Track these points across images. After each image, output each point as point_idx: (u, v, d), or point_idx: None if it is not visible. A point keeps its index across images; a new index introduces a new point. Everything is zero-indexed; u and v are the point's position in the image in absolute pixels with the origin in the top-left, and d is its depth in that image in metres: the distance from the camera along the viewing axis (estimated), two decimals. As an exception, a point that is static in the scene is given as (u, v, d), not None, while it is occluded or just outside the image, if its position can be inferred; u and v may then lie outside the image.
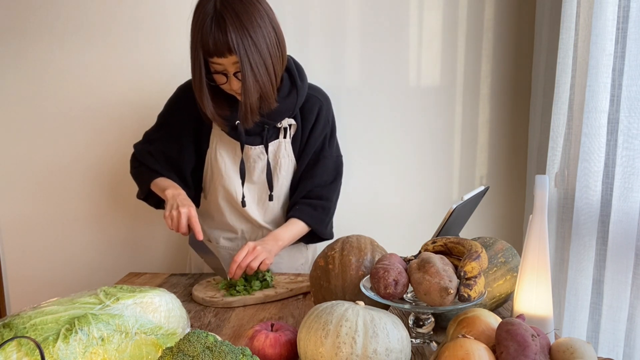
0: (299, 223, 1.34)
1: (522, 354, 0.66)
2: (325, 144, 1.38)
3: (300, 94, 1.29)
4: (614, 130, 1.32)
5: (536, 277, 0.83)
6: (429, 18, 1.73)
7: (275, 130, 1.32)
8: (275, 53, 1.16)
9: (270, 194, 1.34)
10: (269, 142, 1.31)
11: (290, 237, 1.32)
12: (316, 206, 1.36)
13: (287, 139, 1.34)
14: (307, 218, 1.34)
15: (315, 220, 1.36)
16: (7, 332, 0.70)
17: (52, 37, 1.69)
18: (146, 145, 1.37)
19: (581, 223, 1.38)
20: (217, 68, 1.15)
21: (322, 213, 1.37)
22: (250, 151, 1.31)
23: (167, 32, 1.70)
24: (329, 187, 1.39)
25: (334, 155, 1.42)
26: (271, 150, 1.32)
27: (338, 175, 1.42)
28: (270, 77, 1.16)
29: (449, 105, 1.78)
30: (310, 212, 1.35)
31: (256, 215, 1.37)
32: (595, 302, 1.38)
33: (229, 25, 1.07)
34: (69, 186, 1.77)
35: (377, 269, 0.84)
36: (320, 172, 1.37)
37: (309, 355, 0.72)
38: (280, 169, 1.34)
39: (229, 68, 1.14)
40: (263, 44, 1.12)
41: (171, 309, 0.83)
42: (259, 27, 1.11)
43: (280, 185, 1.36)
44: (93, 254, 1.82)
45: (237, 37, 1.08)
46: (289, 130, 1.34)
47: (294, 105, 1.29)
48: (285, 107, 1.28)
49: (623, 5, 1.27)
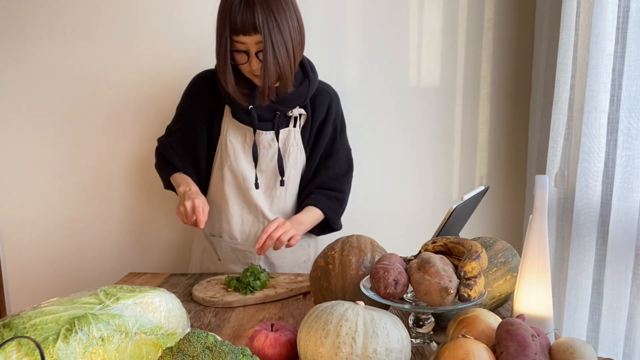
0: (315, 210, 1.38)
1: (522, 354, 0.66)
2: (337, 137, 1.44)
3: (312, 84, 1.35)
4: (614, 130, 1.32)
5: (536, 277, 0.83)
6: (429, 18, 1.73)
7: (286, 119, 1.37)
8: (297, 38, 1.23)
9: (282, 179, 1.37)
10: (279, 129, 1.35)
11: (309, 222, 1.37)
12: (331, 196, 1.42)
13: (296, 127, 1.38)
14: (323, 206, 1.39)
15: (331, 209, 1.41)
16: (7, 332, 0.70)
17: (52, 37, 1.69)
18: (167, 138, 1.44)
19: (581, 223, 1.38)
20: (240, 47, 1.20)
21: (337, 203, 1.43)
22: (262, 136, 1.35)
23: (168, 32, 1.70)
24: (342, 179, 1.45)
25: (346, 149, 1.49)
26: (281, 137, 1.36)
27: (350, 168, 1.49)
28: (290, 59, 1.22)
29: (449, 105, 1.78)
30: (326, 201, 1.40)
31: (262, 203, 1.39)
32: (595, 302, 1.38)
33: (257, 5, 1.15)
34: (68, 186, 1.77)
35: (377, 269, 0.84)
36: (334, 164, 1.43)
37: (309, 355, 0.72)
38: (289, 157, 1.38)
39: (251, 48, 1.20)
40: (286, 27, 1.19)
41: (171, 309, 0.83)
42: (284, 11, 1.19)
43: (288, 174, 1.39)
44: (93, 254, 1.82)
45: (263, 17, 1.16)
46: (299, 119, 1.38)
47: (305, 94, 1.35)
48: (298, 95, 1.33)
49: (623, 5, 1.27)
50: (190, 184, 1.33)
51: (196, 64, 1.59)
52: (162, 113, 1.70)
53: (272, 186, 1.39)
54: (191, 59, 1.69)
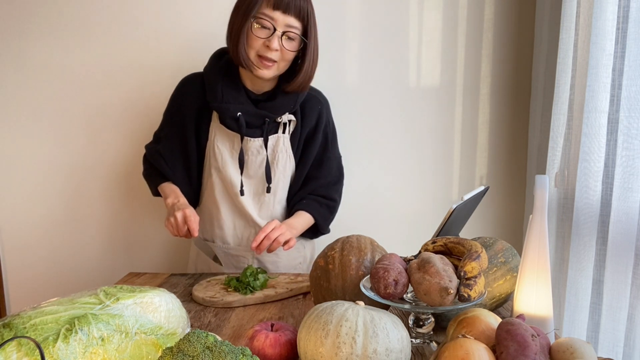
0: (306, 215, 1.38)
1: (522, 354, 0.66)
2: (327, 145, 1.43)
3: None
4: (613, 130, 1.32)
5: (536, 277, 0.83)
6: (429, 18, 1.73)
7: (275, 125, 1.35)
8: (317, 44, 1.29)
9: (269, 185, 1.36)
10: (268, 135, 1.34)
11: (300, 226, 1.37)
12: (322, 203, 1.41)
13: (285, 134, 1.37)
14: (314, 212, 1.39)
15: (321, 216, 1.40)
16: (7, 332, 0.70)
17: (52, 37, 1.69)
18: (155, 144, 1.41)
19: (581, 223, 1.38)
20: (265, 24, 1.19)
21: (327, 211, 1.42)
22: (250, 143, 1.33)
23: (168, 32, 1.70)
24: (333, 187, 1.44)
25: (337, 156, 1.47)
26: (270, 144, 1.35)
27: (341, 176, 1.48)
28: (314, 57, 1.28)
29: (449, 105, 1.78)
30: (317, 207, 1.40)
31: (251, 209, 1.38)
32: (595, 302, 1.38)
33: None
34: (68, 186, 1.77)
35: (377, 269, 0.84)
36: (325, 172, 1.42)
37: (309, 355, 0.72)
38: (277, 163, 1.36)
39: (279, 26, 1.20)
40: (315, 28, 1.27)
41: (171, 309, 0.83)
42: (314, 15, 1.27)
43: (277, 180, 1.38)
44: (93, 254, 1.82)
45: (308, 7, 1.23)
46: (288, 126, 1.37)
47: (295, 100, 1.33)
48: (287, 101, 1.32)
49: (623, 5, 1.27)
50: (179, 196, 1.31)
51: (196, 65, 1.60)
52: (162, 113, 1.70)
53: (261, 192, 1.38)
54: (192, 60, 1.69)
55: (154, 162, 1.39)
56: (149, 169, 1.43)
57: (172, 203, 1.28)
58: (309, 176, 1.41)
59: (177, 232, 1.22)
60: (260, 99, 1.33)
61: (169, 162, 1.36)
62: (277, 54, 1.21)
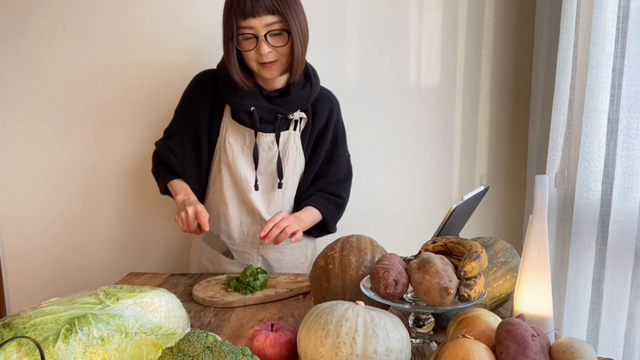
0: (314, 211, 1.39)
1: (522, 354, 0.66)
2: (337, 143, 1.45)
3: (314, 88, 1.35)
4: (613, 130, 1.32)
5: (536, 277, 0.83)
6: (429, 18, 1.73)
7: (286, 122, 1.37)
8: (306, 25, 1.26)
9: (280, 181, 1.37)
10: (280, 131, 1.35)
11: (309, 221, 1.38)
12: (330, 200, 1.42)
13: (297, 131, 1.38)
14: (322, 208, 1.40)
15: (329, 212, 1.42)
16: (7, 332, 0.70)
17: (52, 37, 1.69)
18: (166, 141, 1.42)
19: (581, 223, 1.38)
20: (247, 33, 1.20)
21: (335, 208, 1.44)
22: (262, 138, 1.35)
23: (168, 32, 1.70)
24: (342, 186, 1.46)
25: (346, 155, 1.49)
26: (281, 140, 1.36)
27: (350, 175, 1.50)
28: (304, 41, 1.25)
29: (449, 105, 1.78)
30: (325, 204, 1.41)
31: (260, 205, 1.39)
32: (595, 302, 1.38)
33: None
34: (68, 186, 1.77)
35: (377, 269, 0.84)
36: (334, 170, 1.44)
37: (309, 355, 0.72)
38: (288, 159, 1.38)
39: (260, 31, 1.19)
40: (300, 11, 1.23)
41: (171, 309, 0.83)
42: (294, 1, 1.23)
43: (287, 177, 1.39)
44: (93, 254, 1.82)
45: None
46: (299, 123, 1.38)
47: (307, 97, 1.35)
48: (300, 98, 1.34)
49: (623, 5, 1.27)
50: (189, 193, 1.33)
51: (197, 64, 1.60)
52: (163, 112, 1.70)
53: (270, 188, 1.39)
54: (192, 60, 1.69)
55: (165, 157, 1.40)
56: (158, 166, 1.44)
57: (182, 199, 1.29)
58: (318, 174, 1.43)
59: (187, 228, 1.23)
60: (272, 95, 1.34)
61: (179, 157, 1.38)
62: (272, 54, 1.23)
